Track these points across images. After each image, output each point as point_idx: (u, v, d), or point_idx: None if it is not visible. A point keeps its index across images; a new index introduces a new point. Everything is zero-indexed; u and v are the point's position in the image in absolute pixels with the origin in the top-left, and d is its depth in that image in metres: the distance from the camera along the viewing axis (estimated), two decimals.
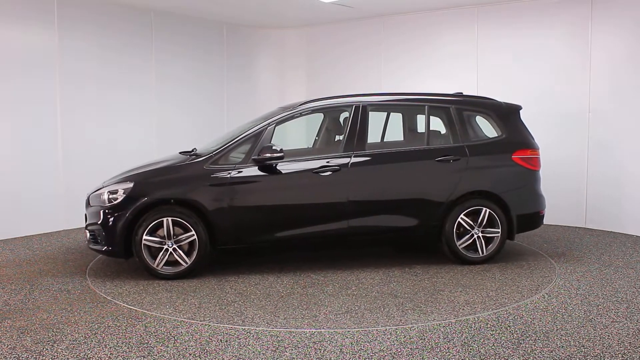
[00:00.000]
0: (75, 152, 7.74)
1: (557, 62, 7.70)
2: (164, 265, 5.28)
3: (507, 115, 6.01)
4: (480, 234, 5.71)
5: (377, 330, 4.01)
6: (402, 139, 6.43)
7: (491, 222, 5.74)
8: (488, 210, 5.70)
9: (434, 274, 5.41)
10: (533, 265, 5.75)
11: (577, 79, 7.56)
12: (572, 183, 7.64)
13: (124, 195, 5.28)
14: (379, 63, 9.18)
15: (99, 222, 5.34)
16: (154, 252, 5.27)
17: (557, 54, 7.70)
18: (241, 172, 5.38)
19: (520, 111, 6.17)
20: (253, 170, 5.40)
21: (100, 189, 5.56)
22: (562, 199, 7.54)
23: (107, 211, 5.30)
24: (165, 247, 5.24)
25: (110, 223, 5.26)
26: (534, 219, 5.99)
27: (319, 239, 5.58)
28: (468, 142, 5.82)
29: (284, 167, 5.47)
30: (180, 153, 5.92)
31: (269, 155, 5.34)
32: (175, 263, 5.29)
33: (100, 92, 7.98)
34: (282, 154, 5.34)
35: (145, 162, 6.12)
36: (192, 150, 5.90)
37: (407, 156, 5.79)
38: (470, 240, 5.70)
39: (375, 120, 6.65)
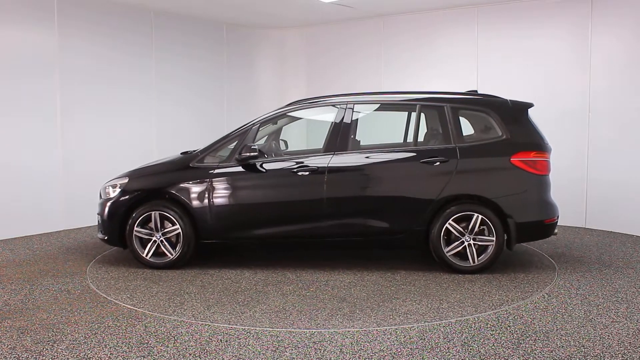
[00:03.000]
0: (76, 152, 7.74)
1: (557, 62, 7.70)
2: (154, 255, 5.65)
3: (512, 114, 5.54)
4: (471, 242, 5.35)
5: (377, 330, 4.02)
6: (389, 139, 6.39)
7: (488, 229, 5.37)
8: (480, 216, 5.31)
9: (411, 281, 5.20)
10: (533, 265, 5.75)
11: (577, 79, 7.56)
12: (572, 183, 7.64)
13: (120, 189, 5.74)
14: (379, 63, 9.18)
15: (101, 213, 5.82)
16: (145, 242, 5.68)
17: (557, 54, 7.70)
18: (223, 170, 5.63)
19: (530, 110, 5.70)
20: (234, 169, 5.62)
21: (107, 182, 6.01)
22: (562, 199, 7.51)
23: (107, 203, 5.77)
24: (154, 238, 5.62)
25: (109, 214, 5.73)
26: (538, 228, 5.48)
27: (298, 238, 5.61)
28: (461, 143, 5.46)
29: (268, 166, 5.61)
30: (181, 153, 6.10)
31: (247, 154, 5.52)
32: (163, 254, 5.65)
33: (100, 91, 7.98)
34: (256, 152, 5.53)
35: (152, 161, 6.38)
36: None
37: (390, 157, 5.57)
38: (460, 248, 5.36)
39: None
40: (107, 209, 5.74)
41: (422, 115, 5.85)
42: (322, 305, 4.57)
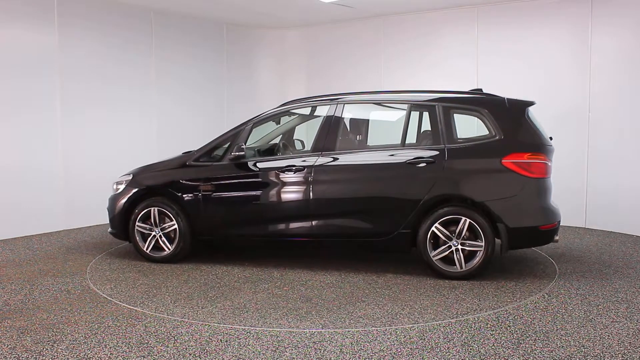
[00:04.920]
0: (76, 151, 7.74)
1: (557, 62, 7.70)
2: (153, 249, 5.90)
3: (508, 113, 5.26)
4: (459, 246, 5.11)
5: (377, 330, 4.02)
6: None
7: (477, 234, 5.12)
8: (468, 220, 5.06)
9: (392, 284, 5.08)
10: (533, 265, 5.75)
11: (577, 79, 7.56)
12: (572, 183, 7.63)
13: (124, 186, 6.04)
14: (379, 63, 9.18)
15: (109, 209, 6.15)
16: (146, 237, 5.95)
17: (557, 54, 7.70)
18: (216, 169, 5.79)
19: (530, 108, 5.41)
20: (224, 168, 5.76)
21: (116, 179, 6.31)
22: (562, 199, 7.51)
23: (113, 199, 6.11)
24: (153, 233, 5.87)
25: (115, 209, 6.05)
26: (532, 234, 5.18)
27: (285, 238, 5.66)
28: (451, 144, 5.25)
29: (257, 166, 5.71)
30: (183, 153, 6.25)
31: (235, 154, 5.68)
32: (162, 248, 5.90)
33: (100, 91, 7.98)
34: (243, 152, 5.66)
35: (158, 160, 6.59)
36: None
37: (375, 158, 5.45)
38: (448, 252, 5.14)
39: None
40: (113, 205, 6.07)
41: (414, 115, 5.72)
42: (283, 304, 4.59)
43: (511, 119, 5.26)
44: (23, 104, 7.20)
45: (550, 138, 5.56)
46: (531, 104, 5.43)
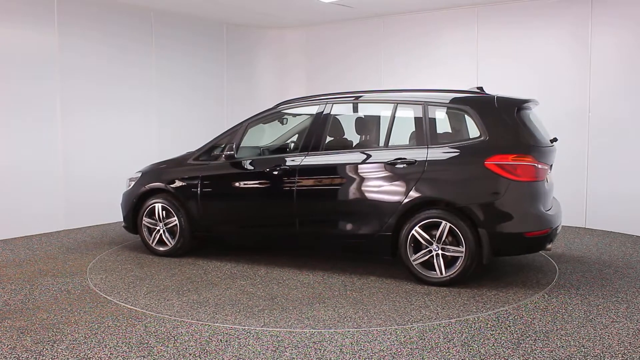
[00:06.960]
0: (76, 152, 7.74)
1: (557, 62, 7.70)
2: (158, 243, 6.17)
3: (496, 112, 4.96)
4: (440, 251, 4.91)
5: (377, 330, 4.02)
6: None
7: (457, 239, 4.89)
8: (448, 224, 4.84)
9: (368, 287, 4.98)
10: (533, 265, 5.75)
11: (577, 79, 7.56)
12: (572, 183, 7.63)
13: (134, 182, 6.33)
14: (379, 63, 9.18)
15: (121, 204, 6.45)
16: (152, 231, 6.22)
17: (557, 53, 7.70)
18: (209, 168, 5.95)
19: (528, 106, 5.18)
20: (219, 167, 5.90)
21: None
22: (562, 199, 7.53)
23: (124, 195, 6.44)
24: (158, 228, 6.13)
25: (126, 205, 6.37)
26: (517, 241, 4.85)
27: (270, 237, 5.78)
28: (434, 144, 5.04)
29: (249, 166, 5.80)
30: (187, 152, 6.38)
31: (226, 153, 5.81)
32: (165, 243, 6.15)
33: (100, 90, 7.98)
34: (232, 152, 5.76)
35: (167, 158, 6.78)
36: None
37: (357, 159, 5.33)
38: (428, 257, 4.95)
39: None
40: (124, 200, 6.41)
41: (399, 114, 5.45)
42: (244, 301, 4.64)
43: (498, 118, 4.96)
44: (23, 104, 7.19)
45: (555, 139, 5.48)
46: (525, 101, 5.14)
